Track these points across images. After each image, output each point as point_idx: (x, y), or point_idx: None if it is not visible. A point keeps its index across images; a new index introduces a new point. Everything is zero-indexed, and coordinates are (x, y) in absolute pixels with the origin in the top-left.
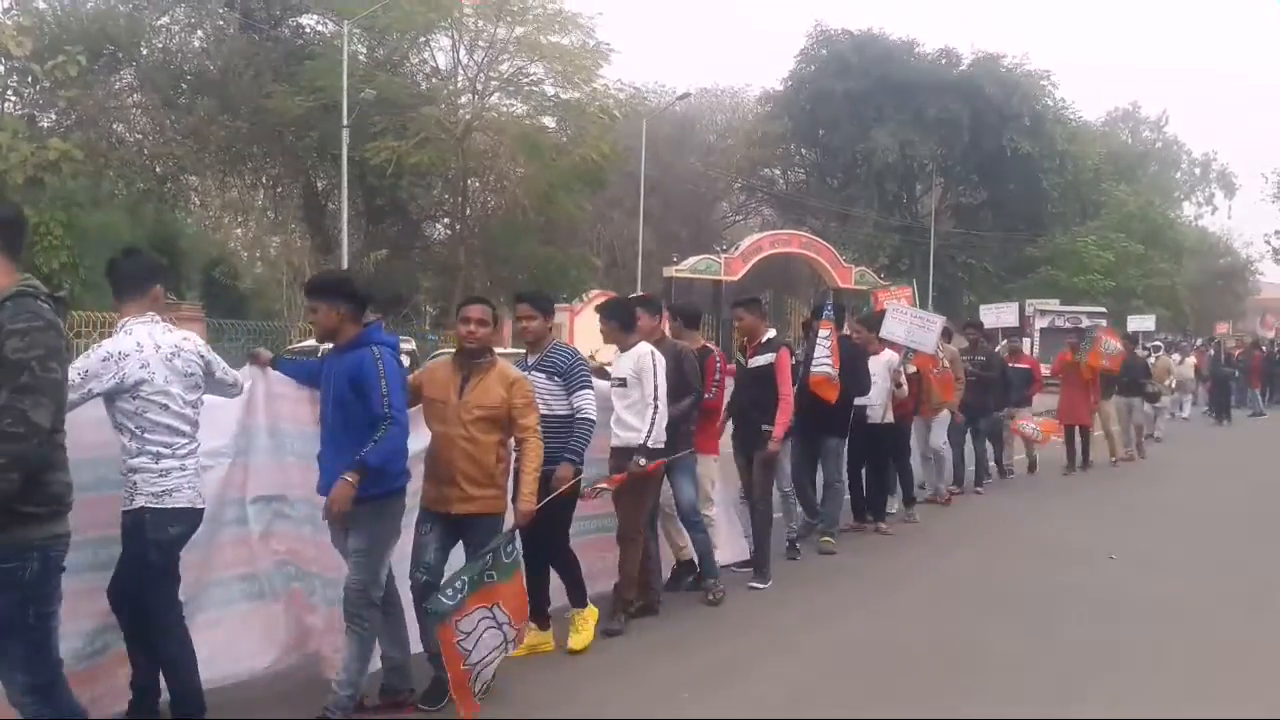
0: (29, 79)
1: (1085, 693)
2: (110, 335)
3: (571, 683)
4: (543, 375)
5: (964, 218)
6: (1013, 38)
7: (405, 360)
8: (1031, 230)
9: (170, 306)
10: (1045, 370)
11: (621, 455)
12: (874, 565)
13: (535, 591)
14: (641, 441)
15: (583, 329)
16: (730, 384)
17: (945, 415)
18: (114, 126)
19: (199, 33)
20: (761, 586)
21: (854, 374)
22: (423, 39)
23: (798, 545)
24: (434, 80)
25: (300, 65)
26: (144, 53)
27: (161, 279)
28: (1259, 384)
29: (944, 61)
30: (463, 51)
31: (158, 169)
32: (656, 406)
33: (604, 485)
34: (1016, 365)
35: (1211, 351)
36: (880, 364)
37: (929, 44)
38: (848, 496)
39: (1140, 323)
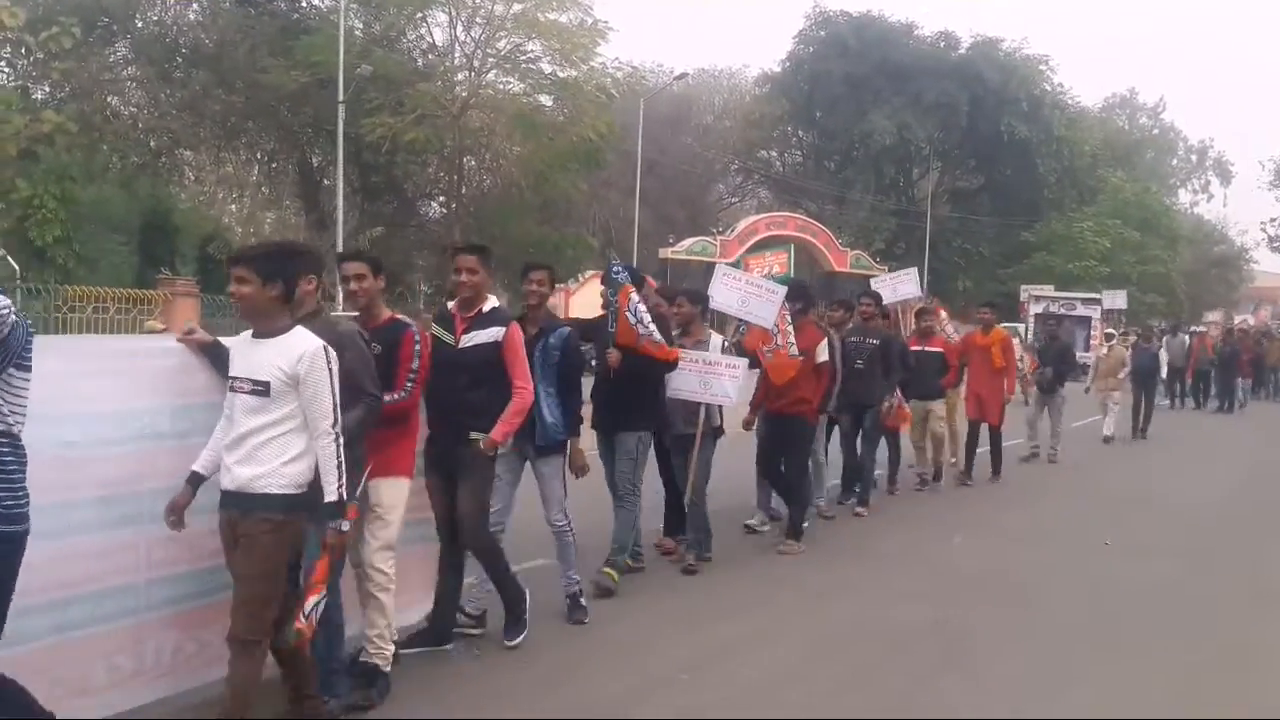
0: (22, 50)
1: (1081, 677)
2: (103, 310)
3: (569, 664)
4: None
5: (961, 202)
6: (1011, 22)
7: None
8: (1028, 215)
9: (165, 282)
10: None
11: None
12: (870, 547)
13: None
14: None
15: (578, 308)
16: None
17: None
18: (108, 99)
19: (194, 5)
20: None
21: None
22: (420, 15)
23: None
24: (431, 57)
25: (296, 40)
26: (139, 25)
27: None
28: (1249, 373)
29: (943, 45)
30: (460, 28)
31: (152, 143)
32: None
33: None
34: (926, 349)
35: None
36: (712, 342)
37: (928, 27)
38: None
39: (1112, 299)
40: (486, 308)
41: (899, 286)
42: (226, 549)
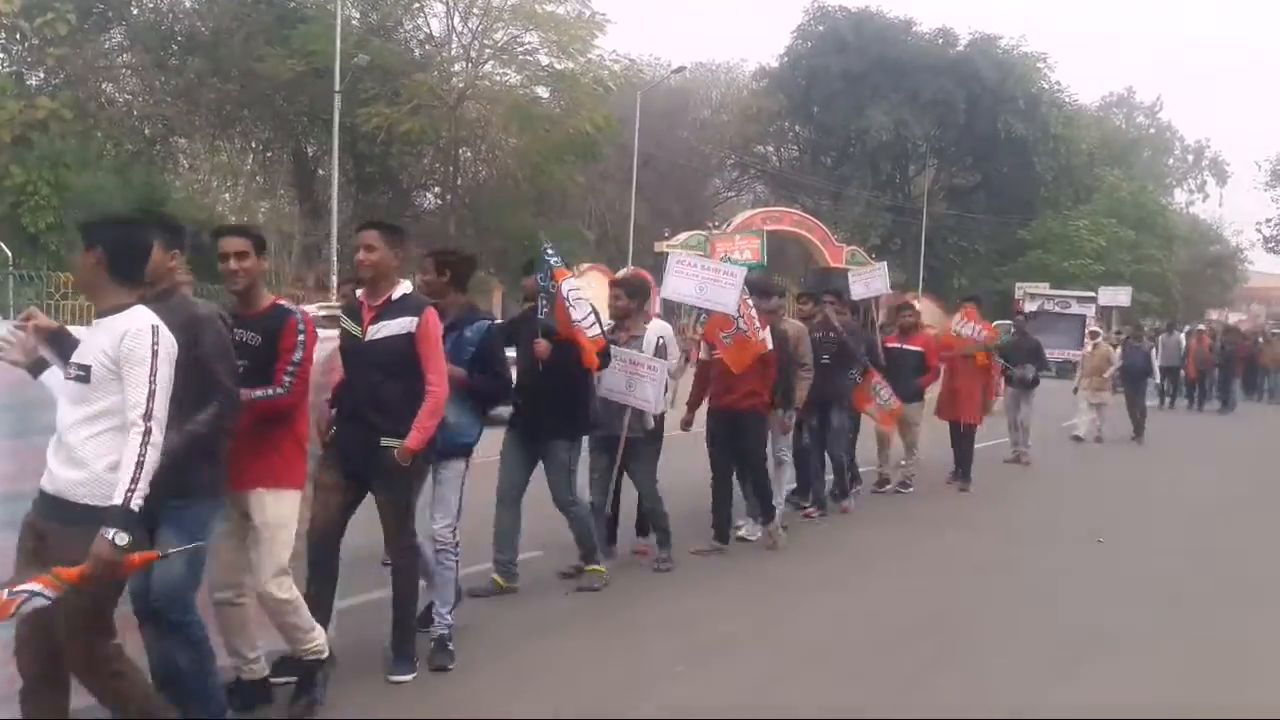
0: (17, 36)
1: (1078, 674)
2: None
3: (563, 660)
4: None
5: (957, 199)
6: (1009, 19)
7: None
8: (1023, 213)
9: None
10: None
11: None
12: (866, 543)
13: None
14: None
15: None
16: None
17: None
18: (103, 86)
19: None
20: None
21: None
22: (417, 5)
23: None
24: (427, 47)
25: (293, 29)
26: (134, 12)
27: None
28: (1239, 372)
29: (940, 41)
30: (457, 18)
31: (147, 130)
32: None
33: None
34: (905, 347)
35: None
36: (647, 341)
37: (926, 23)
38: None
39: (1113, 296)
40: (397, 294)
41: (870, 282)
42: (23, 558)
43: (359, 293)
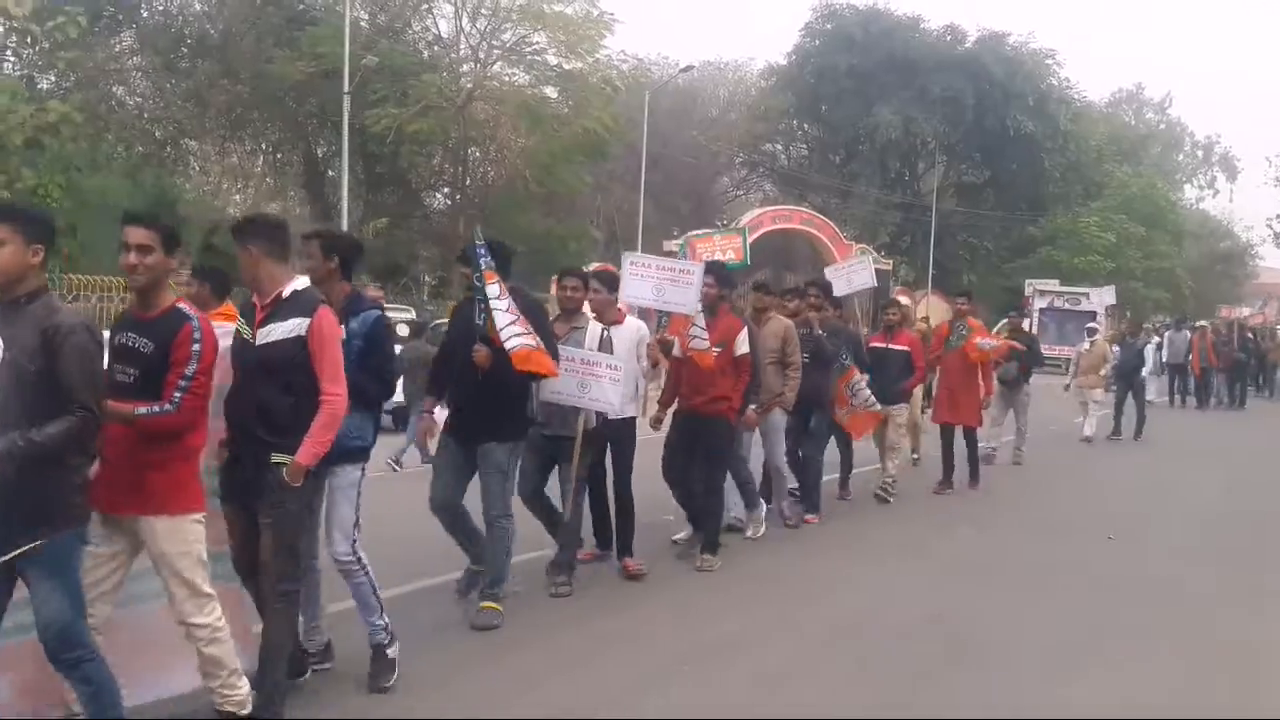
0: (28, 40)
1: (1084, 672)
2: (107, 299)
3: (565, 658)
4: None
5: (966, 196)
6: (1018, 16)
7: (404, 330)
8: (1033, 210)
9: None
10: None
11: None
12: (873, 540)
13: None
14: None
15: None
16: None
17: (779, 417)
18: (114, 89)
19: None
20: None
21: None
22: (425, 6)
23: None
24: (436, 48)
25: (302, 30)
26: (144, 15)
27: None
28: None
29: (949, 39)
30: (465, 19)
31: (157, 133)
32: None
33: None
34: (890, 346)
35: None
36: (624, 337)
37: (934, 20)
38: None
39: (1100, 296)
40: (288, 291)
41: (853, 277)
42: None
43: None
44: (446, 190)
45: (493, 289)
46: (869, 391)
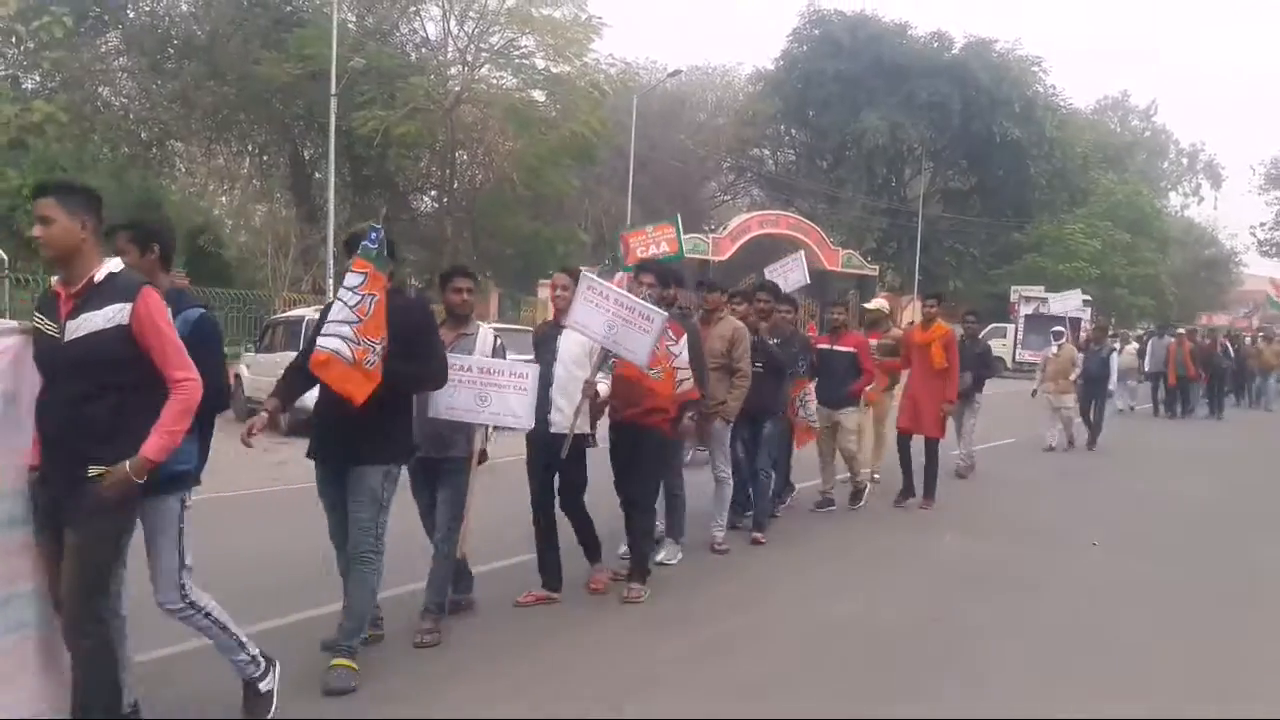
0: (13, 39)
1: (1076, 676)
2: None
3: (557, 663)
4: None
5: (952, 202)
6: (1005, 23)
7: None
8: (1019, 216)
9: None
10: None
11: None
12: (862, 546)
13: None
14: None
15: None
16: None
17: (720, 427)
18: (99, 90)
19: None
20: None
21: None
22: (413, 8)
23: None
24: (424, 50)
25: (289, 32)
26: (130, 15)
27: None
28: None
29: (936, 45)
30: (453, 22)
31: (143, 134)
32: None
33: None
34: (835, 348)
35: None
36: (576, 339)
37: (921, 27)
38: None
39: (1063, 302)
40: (100, 275)
41: (788, 274)
42: None
43: (54, 281)
44: (434, 193)
45: (354, 278)
46: (814, 406)
